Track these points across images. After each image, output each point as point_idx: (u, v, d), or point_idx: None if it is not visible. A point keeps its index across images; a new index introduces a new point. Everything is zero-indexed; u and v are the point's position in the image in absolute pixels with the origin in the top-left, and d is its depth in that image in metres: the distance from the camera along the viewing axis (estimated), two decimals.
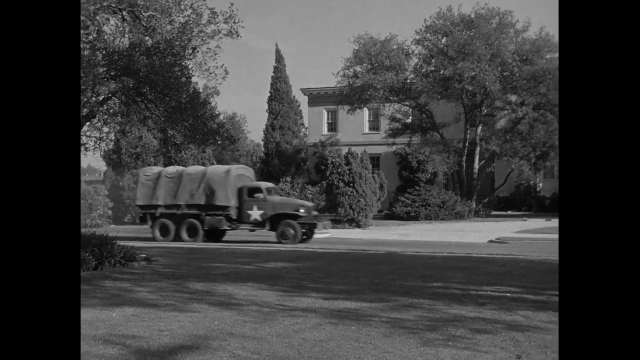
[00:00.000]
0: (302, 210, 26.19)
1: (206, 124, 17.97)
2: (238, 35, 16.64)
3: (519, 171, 43.82)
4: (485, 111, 43.89)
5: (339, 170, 36.81)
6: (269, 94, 54.30)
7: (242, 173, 28.53)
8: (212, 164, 41.31)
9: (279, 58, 54.37)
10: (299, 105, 56.19)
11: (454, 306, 10.01)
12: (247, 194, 26.72)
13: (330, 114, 54.50)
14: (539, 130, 41.17)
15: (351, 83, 42.05)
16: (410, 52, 43.33)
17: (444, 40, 41.17)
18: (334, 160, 41.73)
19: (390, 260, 17.61)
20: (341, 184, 35.99)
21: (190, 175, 27.65)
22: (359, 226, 35.67)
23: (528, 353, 7.15)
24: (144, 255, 16.91)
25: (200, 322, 8.72)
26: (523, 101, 40.86)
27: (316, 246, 23.30)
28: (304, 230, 25.94)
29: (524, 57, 40.45)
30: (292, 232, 25.67)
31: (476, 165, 43.99)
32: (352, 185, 35.90)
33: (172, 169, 29.04)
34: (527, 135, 41.81)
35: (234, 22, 16.54)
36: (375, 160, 49.50)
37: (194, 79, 17.70)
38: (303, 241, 25.67)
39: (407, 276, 13.78)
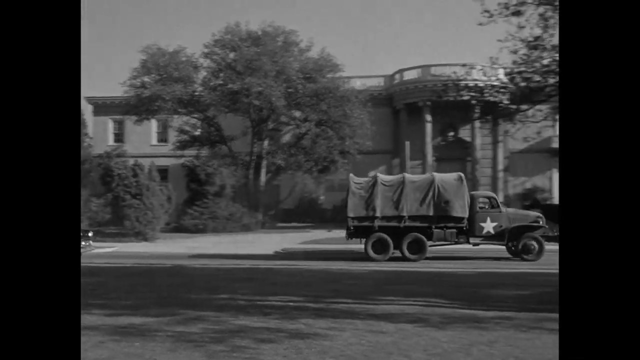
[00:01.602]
0: (540, 222, 23.98)
1: None
2: None
3: (302, 184, 45.63)
4: (271, 125, 45.25)
5: (125, 182, 35.86)
6: None
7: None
8: None
9: None
10: (83, 115, 53.86)
11: (240, 317, 10.29)
12: (479, 204, 23.97)
13: (116, 124, 52.85)
14: (321, 145, 43.15)
15: (139, 93, 41.20)
16: (199, 65, 43.49)
17: (231, 55, 41.80)
18: (120, 172, 40.49)
19: (177, 273, 17.56)
20: (127, 196, 35.09)
21: (414, 182, 24.10)
22: (145, 239, 34.92)
23: (308, 359, 7.60)
24: None
25: None
26: (306, 117, 42.70)
27: (101, 261, 22.50)
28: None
29: (307, 75, 42.25)
30: (535, 245, 23.21)
31: (262, 178, 45.07)
32: (138, 197, 35.13)
33: (389, 176, 26.18)
34: (310, 149, 43.60)
35: None
36: (163, 172, 48.80)
37: None
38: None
39: (194, 289, 13.87)
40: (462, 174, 24.46)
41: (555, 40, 11.67)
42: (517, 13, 11.21)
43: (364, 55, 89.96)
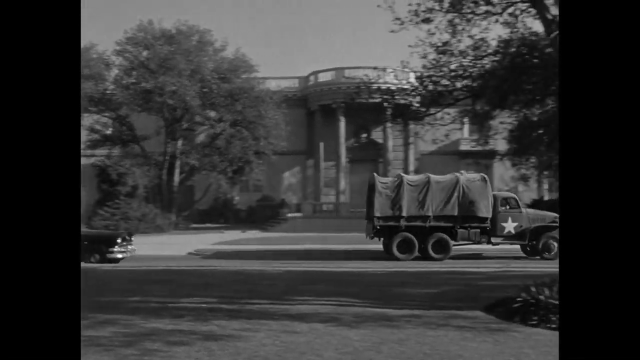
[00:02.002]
0: (557, 222, 24.04)
1: None
2: None
3: (217, 185, 45.30)
4: (186, 125, 44.70)
5: None
6: None
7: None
8: None
9: None
10: None
11: (151, 320, 10.14)
12: (500, 204, 24.43)
13: None
14: (235, 145, 42.95)
15: None
16: (111, 63, 42.51)
17: (145, 53, 41.06)
18: None
19: (86, 275, 17.12)
20: None
21: (439, 183, 24.28)
22: None
23: None
24: None
25: None
26: (221, 117, 42.41)
27: None
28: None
29: (222, 75, 41.98)
30: (554, 244, 23.68)
31: (176, 178, 44.47)
32: None
33: (414, 177, 26.39)
34: (225, 150, 43.33)
35: None
36: None
37: None
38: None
39: (104, 292, 13.57)
40: (486, 175, 25.20)
41: (462, 46, 12.10)
42: (427, 20, 11.56)
43: (279, 57, 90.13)
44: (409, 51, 12.16)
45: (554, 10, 11.03)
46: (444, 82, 12.62)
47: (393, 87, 13.92)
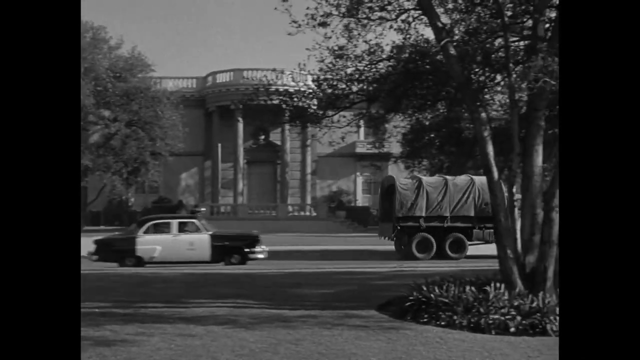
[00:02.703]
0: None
1: None
2: None
3: (111, 186, 44.07)
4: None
5: None
6: None
7: None
8: None
9: None
10: None
11: None
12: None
13: None
14: (131, 146, 42.00)
15: None
16: None
17: None
18: None
19: None
20: None
21: (456, 185, 24.87)
22: None
23: None
24: None
25: None
26: (116, 117, 41.37)
27: None
28: None
29: (118, 74, 41.00)
30: None
31: None
32: None
33: (431, 178, 26.80)
34: (120, 150, 42.28)
35: None
36: None
37: None
38: None
39: None
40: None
41: (358, 51, 12.35)
42: (323, 24, 11.71)
43: (177, 57, 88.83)
44: (306, 54, 12.29)
45: (445, 19, 11.45)
46: (341, 85, 12.83)
47: (291, 90, 13.94)
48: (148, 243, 20.63)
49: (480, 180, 25.28)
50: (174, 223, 21.18)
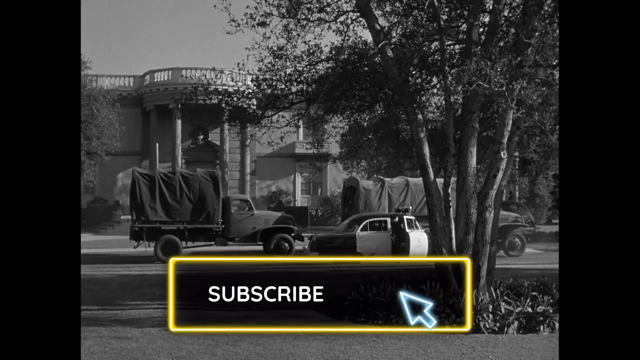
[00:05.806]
0: (519, 221, 26.10)
1: None
2: None
3: None
4: None
5: None
6: None
7: None
8: None
9: None
10: None
11: None
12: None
13: None
14: None
15: None
16: None
17: None
18: None
19: None
20: None
21: (417, 185, 25.05)
22: None
23: None
24: None
25: None
26: None
27: None
28: None
29: None
30: (519, 242, 24.91)
31: None
32: None
33: (395, 179, 27.43)
34: None
35: None
36: None
37: None
38: None
39: None
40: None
41: (297, 51, 12.39)
42: (262, 24, 11.71)
43: (113, 54, 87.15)
44: (246, 54, 12.25)
45: (382, 21, 11.60)
46: (280, 85, 12.85)
47: (230, 89, 13.90)
48: (365, 240, 21.31)
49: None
50: (388, 221, 21.96)
